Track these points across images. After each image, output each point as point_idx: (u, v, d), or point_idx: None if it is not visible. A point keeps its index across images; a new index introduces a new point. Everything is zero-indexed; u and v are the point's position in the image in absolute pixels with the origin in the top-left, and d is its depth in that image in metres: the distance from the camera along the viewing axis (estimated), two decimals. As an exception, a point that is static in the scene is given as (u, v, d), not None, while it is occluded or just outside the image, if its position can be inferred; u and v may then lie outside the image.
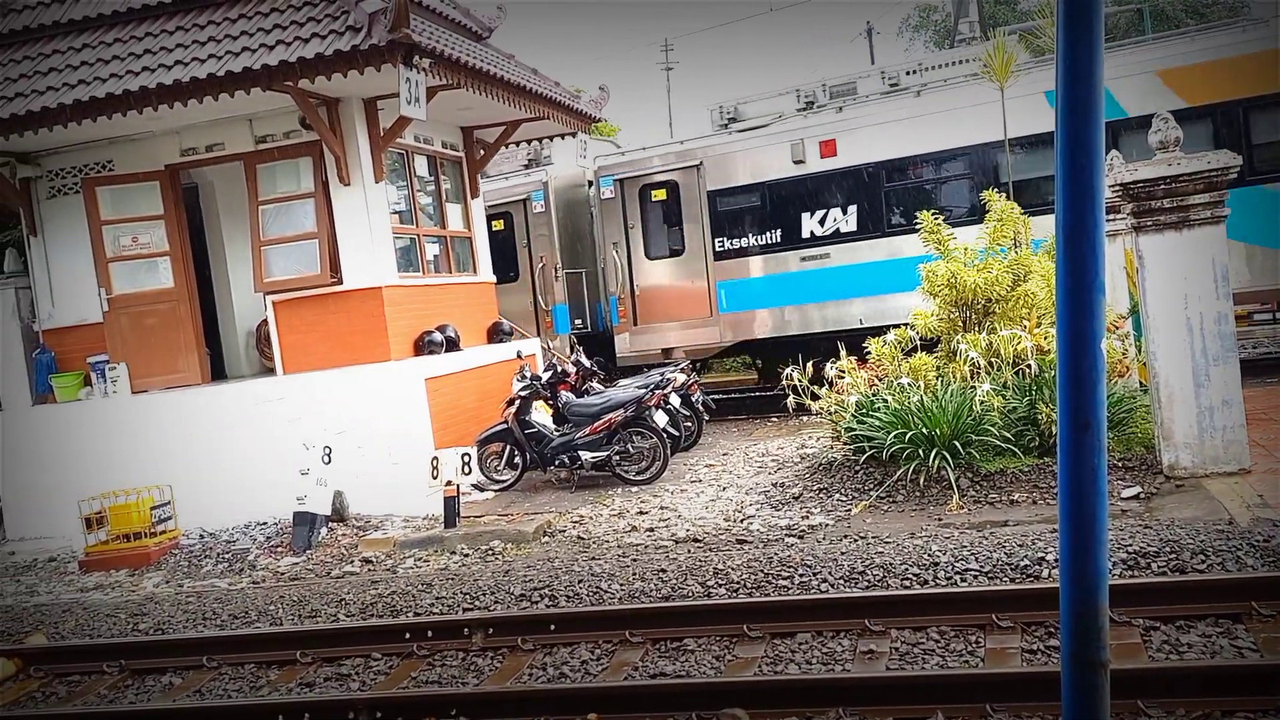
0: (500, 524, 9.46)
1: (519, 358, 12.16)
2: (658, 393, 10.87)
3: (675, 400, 11.54)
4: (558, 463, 10.88)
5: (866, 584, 6.29)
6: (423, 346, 11.57)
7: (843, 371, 9.68)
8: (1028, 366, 9.06)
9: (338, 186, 11.07)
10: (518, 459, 11.07)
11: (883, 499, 8.57)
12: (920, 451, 8.48)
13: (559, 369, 12.23)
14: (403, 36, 9.46)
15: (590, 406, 10.95)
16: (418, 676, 5.99)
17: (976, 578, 6.16)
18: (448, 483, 9.73)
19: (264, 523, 10.76)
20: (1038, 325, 9.32)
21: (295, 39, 9.96)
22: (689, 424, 12.22)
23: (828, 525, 8.18)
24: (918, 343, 9.81)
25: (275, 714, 5.53)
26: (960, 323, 9.69)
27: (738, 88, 64.95)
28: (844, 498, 8.80)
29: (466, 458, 10.16)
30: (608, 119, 21.19)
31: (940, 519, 7.84)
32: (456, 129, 13.45)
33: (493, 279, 14.20)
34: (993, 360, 9.18)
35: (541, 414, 11.22)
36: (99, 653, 6.99)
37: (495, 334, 13.55)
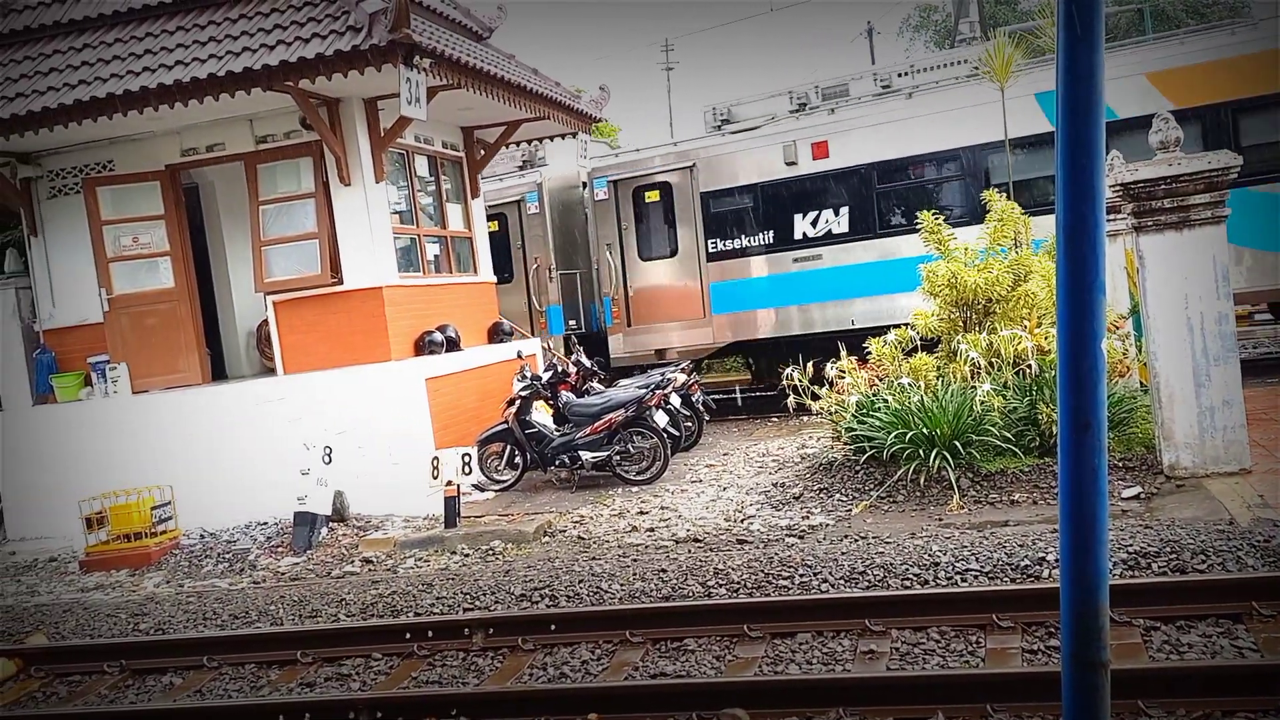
0: (501, 524, 9.46)
1: (519, 358, 12.16)
2: (658, 393, 10.87)
3: (676, 400, 11.54)
4: (558, 463, 10.88)
5: (867, 584, 6.29)
6: (423, 346, 11.57)
7: (843, 371, 9.68)
8: (1028, 366, 9.06)
9: (338, 186, 11.07)
10: (518, 459, 11.08)
11: (883, 499, 8.57)
12: (921, 451, 8.49)
13: (559, 369, 12.23)
14: (403, 37, 9.46)
15: (591, 406, 10.95)
16: (418, 676, 5.99)
17: (977, 578, 6.16)
18: (448, 483, 9.74)
19: (264, 523, 10.76)
20: (1038, 325, 9.32)
21: (296, 39, 9.97)
22: (689, 424, 12.22)
23: (828, 525, 8.18)
24: (918, 343, 9.81)
25: (276, 714, 5.53)
26: (961, 323, 9.69)
27: (738, 88, 65.01)
28: (844, 498, 8.81)
29: (467, 458, 10.17)
30: (608, 119, 21.18)
31: (941, 519, 7.84)
32: (457, 129, 13.45)
33: (493, 279, 14.20)
34: (993, 360, 9.18)
35: (542, 414, 11.22)
36: (99, 653, 7.00)
37: (496, 334, 13.56)
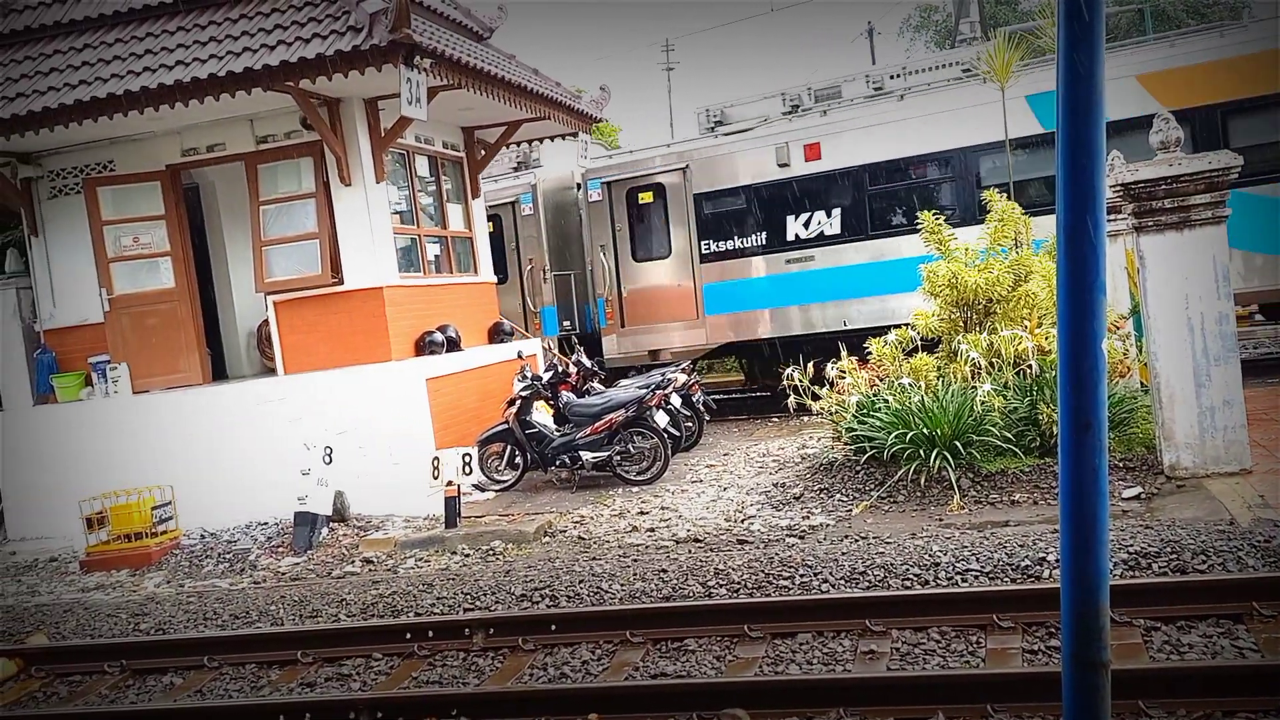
0: (501, 524, 9.46)
1: (520, 358, 12.16)
2: (659, 393, 10.87)
3: (676, 400, 11.54)
4: (559, 463, 10.88)
5: (867, 584, 6.29)
6: (424, 347, 11.57)
7: (843, 372, 9.68)
8: (1029, 367, 9.06)
9: (339, 186, 11.07)
10: (519, 459, 11.08)
11: (884, 499, 8.57)
12: (921, 452, 8.49)
13: (560, 369, 12.23)
14: (404, 37, 9.46)
15: (591, 407, 10.95)
16: (419, 676, 5.99)
17: (977, 578, 6.16)
18: (449, 483, 9.74)
19: (265, 523, 10.77)
20: (1039, 325, 9.32)
21: (296, 39, 9.97)
22: (690, 424, 12.22)
23: (829, 525, 8.18)
24: (918, 343, 9.81)
25: (276, 714, 5.53)
26: (961, 323, 9.69)
27: (739, 88, 65.04)
28: (845, 498, 8.80)
29: (467, 458, 10.18)
30: (609, 119, 21.18)
31: (941, 519, 7.84)
32: (457, 129, 13.45)
33: (494, 279, 14.21)
34: (994, 360, 9.17)
35: (542, 414, 11.22)
36: (100, 653, 7.00)
37: (496, 334, 13.56)
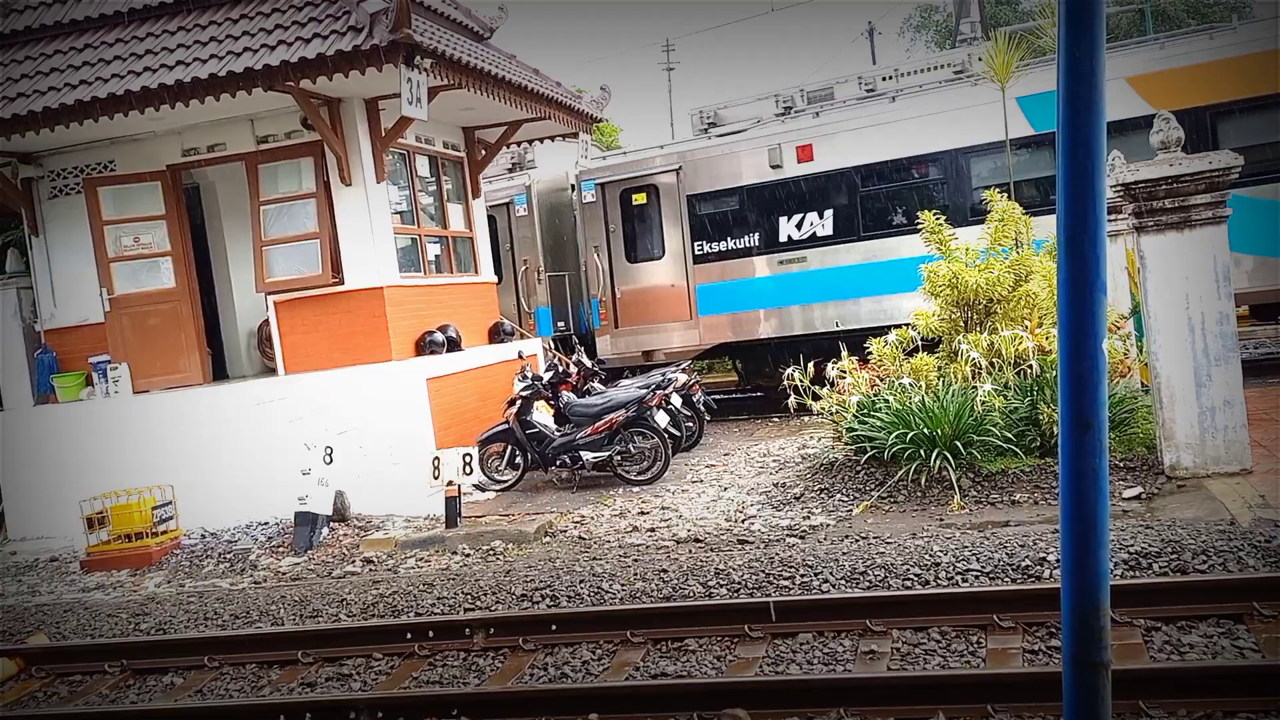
0: (502, 524, 9.46)
1: (520, 358, 12.16)
2: (659, 393, 10.87)
3: (677, 400, 11.54)
4: (559, 463, 10.88)
5: (868, 584, 6.29)
6: (424, 347, 11.58)
7: (844, 371, 9.68)
8: (1029, 367, 9.06)
9: (339, 186, 11.07)
10: (519, 459, 11.07)
11: (884, 499, 8.57)
12: (922, 452, 8.48)
13: (560, 369, 12.22)
14: (404, 37, 9.46)
15: (592, 407, 10.95)
16: (419, 676, 5.99)
17: (978, 578, 6.16)
18: (449, 483, 9.74)
19: (265, 523, 10.77)
20: (1039, 325, 9.32)
21: (297, 39, 9.97)
22: (690, 424, 12.22)
23: (829, 525, 8.18)
24: (919, 343, 9.81)
25: (277, 714, 5.53)
26: (962, 323, 9.69)
27: (740, 88, 65.05)
28: (845, 498, 8.80)
29: (468, 458, 10.17)
30: (609, 119, 21.19)
31: (942, 519, 7.84)
32: (458, 129, 13.46)
33: (494, 279, 14.21)
34: (994, 360, 9.17)
35: (543, 414, 11.22)
36: (101, 653, 7.00)
37: (497, 334, 13.56)
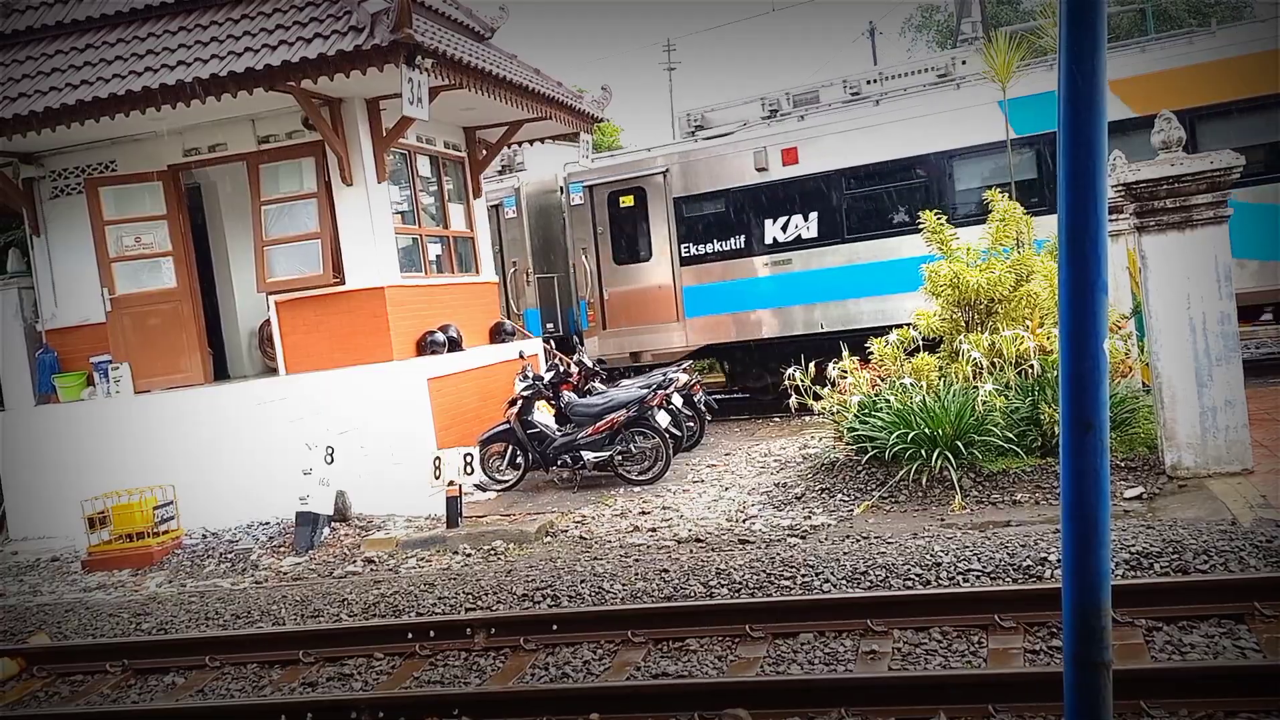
0: (503, 524, 9.46)
1: (521, 358, 12.16)
2: (660, 393, 10.87)
3: (678, 400, 11.54)
4: (560, 463, 10.88)
5: (869, 584, 6.29)
6: (425, 346, 11.57)
7: (844, 371, 9.68)
8: (1030, 366, 9.06)
9: (340, 186, 11.07)
10: (520, 459, 11.07)
11: (885, 499, 8.57)
12: (923, 452, 8.48)
13: (561, 369, 12.22)
14: (405, 37, 9.46)
15: (593, 406, 10.95)
16: (420, 676, 5.99)
17: (979, 578, 6.16)
18: (450, 483, 9.75)
19: (266, 523, 10.77)
20: (1040, 325, 9.32)
21: (298, 39, 9.97)
22: (691, 424, 12.22)
23: (830, 525, 8.18)
24: (920, 343, 9.81)
25: (278, 714, 5.53)
26: (963, 323, 9.69)
27: (741, 88, 65.05)
28: (846, 498, 8.80)
29: (469, 458, 10.18)
30: (610, 119, 21.20)
31: (943, 519, 7.84)
32: (459, 129, 13.46)
33: (495, 279, 14.21)
34: (995, 360, 9.17)
35: (544, 414, 11.22)
36: (102, 652, 7.01)
37: (498, 334, 13.56)
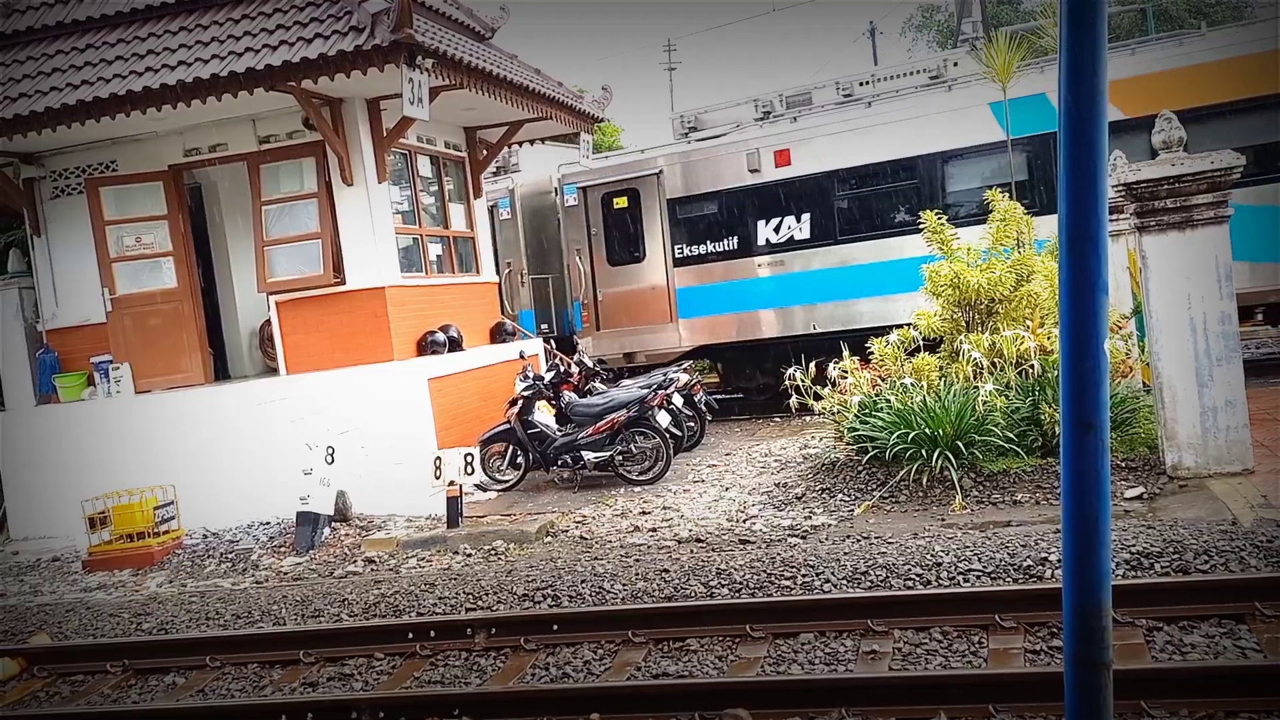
0: (503, 524, 9.46)
1: (522, 358, 12.16)
2: (660, 393, 10.87)
3: (678, 400, 11.54)
4: (561, 463, 10.88)
5: (869, 584, 6.29)
6: (425, 347, 11.58)
7: (845, 371, 9.69)
8: (1031, 367, 9.05)
9: (341, 186, 11.07)
10: (520, 459, 11.07)
11: (886, 499, 8.57)
12: (923, 452, 8.48)
13: (562, 369, 12.22)
14: (406, 37, 9.46)
15: (593, 406, 10.95)
16: (420, 676, 5.99)
17: (979, 578, 6.16)
18: (450, 483, 9.75)
19: (267, 523, 10.77)
20: (1041, 325, 9.32)
21: (298, 39, 9.97)
22: (692, 424, 12.22)
23: (831, 525, 8.18)
24: (921, 343, 9.81)
25: (278, 714, 5.53)
26: (963, 323, 9.68)
27: (741, 88, 65.08)
28: (847, 498, 8.80)
29: (469, 458, 10.18)
30: (611, 119, 21.20)
31: (943, 519, 7.83)
32: (459, 129, 13.46)
33: (496, 279, 14.21)
34: (996, 360, 9.17)
35: (544, 414, 11.22)
36: (102, 652, 7.01)
37: (498, 334, 13.56)
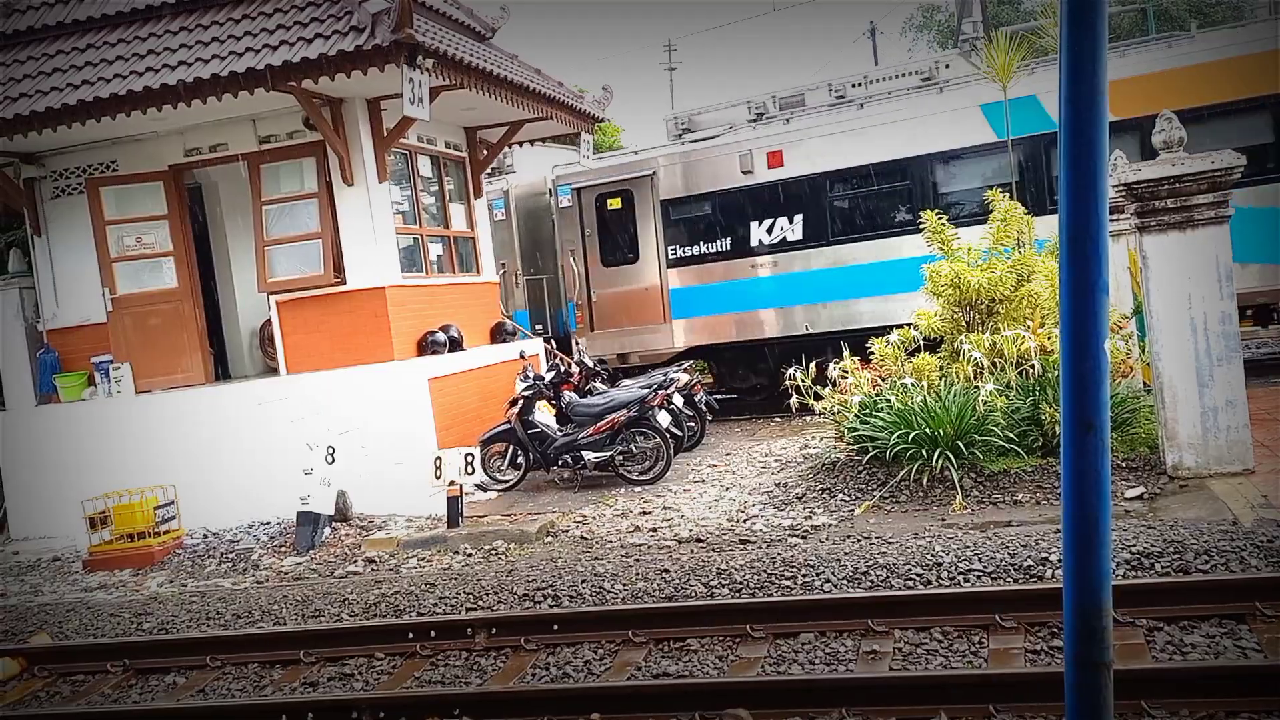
0: (503, 524, 9.47)
1: (522, 358, 12.16)
2: (661, 393, 10.87)
3: (678, 400, 11.54)
4: (561, 463, 10.88)
5: (870, 584, 6.29)
6: (426, 346, 11.58)
7: (845, 371, 9.69)
8: (1031, 367, 9.05)
9: (341, 186, 11.08)
10: (521, 459, 11.07)
11: (886, 499, 8.57)
12: (924, 452, 8.48)
13: (562, 369, 12.22)
14: (406, 37, 9.46)
15: (593, 406, 10.95)
16: (421, 676, 5.99)
17: (980, 578, 6.16)
18: (451, 483, 9.75)
19: (268, 522, 10.78)
20: (1041, 325, 9.32)
21: (299, 39, 9.97)
22: (692, 424, 12.22)
23: (831, 525, 8.18)
24: (921, 343, 9.81)
25: (279, 713, 5.53)
26: (964, 323, 9.68)
27: (742, 88, 65.08)
28: (847, 498, 8.80)
29: (470, 458, 10.18)
30: (611, 119, 21.19)
31: (944, 519, 7.83)
32: (460, 129, 13.46)
33: (496, 279, 14.22)
34: (996, 360, 9.17)
35: (545, 414, 11.22)
36: (103, 652, 7.01)
37: (498, 334, 13.56)
